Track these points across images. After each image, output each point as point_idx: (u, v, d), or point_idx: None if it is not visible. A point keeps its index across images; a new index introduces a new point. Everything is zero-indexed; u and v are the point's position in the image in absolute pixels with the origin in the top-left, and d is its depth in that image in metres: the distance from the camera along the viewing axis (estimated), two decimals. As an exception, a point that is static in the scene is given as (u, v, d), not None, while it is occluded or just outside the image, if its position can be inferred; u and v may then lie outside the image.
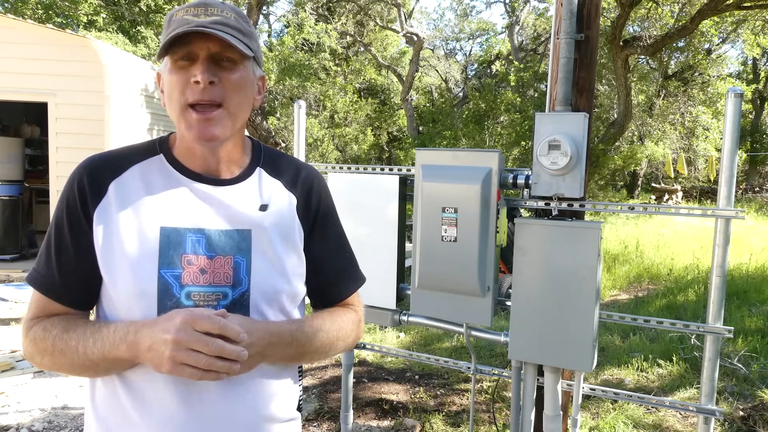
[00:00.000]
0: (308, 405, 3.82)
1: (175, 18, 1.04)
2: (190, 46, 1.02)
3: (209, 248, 1.06)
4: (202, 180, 1.10)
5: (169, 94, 1.05)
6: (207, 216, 1.08)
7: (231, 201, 1.10)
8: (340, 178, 2.69)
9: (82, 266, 1.05)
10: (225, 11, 1.05)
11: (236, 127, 1.09)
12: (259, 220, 1.11)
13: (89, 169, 1.07)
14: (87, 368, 1.02)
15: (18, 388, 4.00)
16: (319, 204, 1.22)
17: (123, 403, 1.04)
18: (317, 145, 14.03)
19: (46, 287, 1.06)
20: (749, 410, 3.65)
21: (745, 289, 6.84)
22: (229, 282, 1.06)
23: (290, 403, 1.18)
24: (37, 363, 1.07)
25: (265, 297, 1.09)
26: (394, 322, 2.65)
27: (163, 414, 1.02)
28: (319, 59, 13.47)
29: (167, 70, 1.05)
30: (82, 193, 1.05)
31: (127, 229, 1.04)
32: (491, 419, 3.66)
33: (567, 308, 2.14)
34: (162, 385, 1.02)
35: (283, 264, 1.12)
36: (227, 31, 1.02)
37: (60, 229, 1.06)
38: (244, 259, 1.08)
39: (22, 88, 6.99)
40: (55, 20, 14.99)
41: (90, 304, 1.09)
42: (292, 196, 1.17)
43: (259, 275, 1.08)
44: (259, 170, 1.16)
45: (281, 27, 19.01)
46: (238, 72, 1.06)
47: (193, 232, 1.06)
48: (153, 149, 1.13)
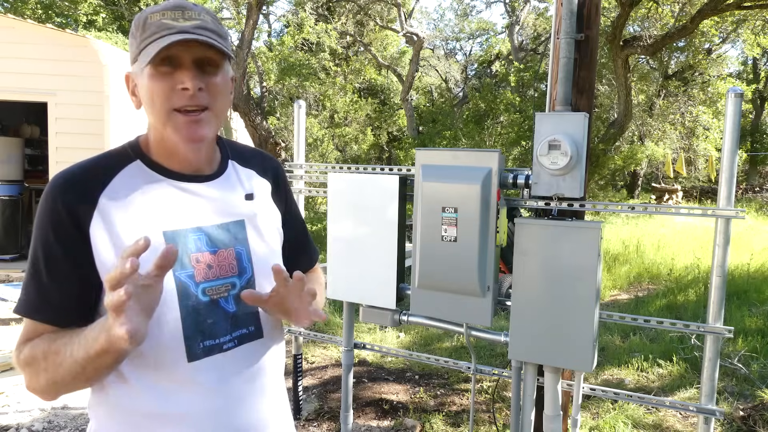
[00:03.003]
0: (308, 405, 3.81)
1: (152, 21, 1.01)
2: (171, 50, 1.00)
3: (211, 244, 1.09)
4: (187, 179, 1.11)
5: (150, 100, 1.03)
6: (202, 213, 1.10)
7: (219, 195, 1.14)
8: (340, 178, 2.69)
9: (81, 284, 1.02)
10: (202, 14, 1.04)
11: (219, 127, 1.11)
12: (249, 209, 1.17)
13: (70, 185, 1.03)
14: (76, 375, 0.96)
15: (18, 388, 3.99)
16: (285, 185, 1.32)
17: (149, 408, 1.04)
18: (317, 145, 14.03)
19: (43, 313, 1.02)
20: (749, 410, 3.65)
21: (745, 289, 6.83)
22: (235, 272, 1.12)
23: (279, 380, 1.25)
24: (35, 387, 1.01)
25: (269, 279, 1.13)
26: (394, 322, 2.64)
27: (197, 404, 1.06)
28: (319, 59, 13.47)
29: (147, 75, 1.02)
30: (70, 210, 1.00)
31: (131, 238, 1.01)
32: (491, 419, 3.66)
33: (567, 308, 2.14)
34: (190, 377, 1.05)
35: (274, 245, 1.21)
36: (210, 36, 1.02)
37: (49, 252, 1.00)
38: (244, 248, 1.14)
39: (22, 88, 6.98)
40: (54, 20, 14.99)
41: (88, 321, 1.03)
42: (265, 182, 1.25)
43: (260, 260, 1.16)
44: (232, 162, 1.21)
45: (281, 27, 19.00)
46: (220, 75, 1.07)
47: (193, 231, 1.08)
48: (128, 156, 1.10)
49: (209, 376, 1.07)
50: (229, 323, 1.10)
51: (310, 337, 3.56)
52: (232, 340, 1.11)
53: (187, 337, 1.04)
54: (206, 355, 1.07)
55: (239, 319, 1.12)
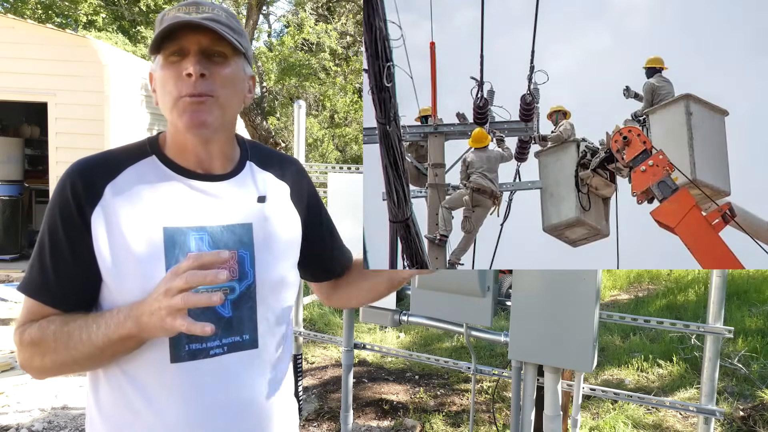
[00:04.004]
0: (308, 405, 3.82)
1: (167, 17, 1.04)
2: (181, 41, 1.03)
3: (213, 244, 1.07)
4: (198, 177, 1.10)
5: (161, 89, 1.06)
6: (207, 213, 1.08)
7: (229, 196, 1.12)
8: (340, 178, 2.69)
9: (81, 270, 1.03)
10: (216, 10, 1.06)
11: (225, 119, 1.09)
12: (259, 212, 1.13)
13: (82, 172, 1.06)
14: (91, 357, 1.00)
15: (18, 388, 3.99)
16: (309, 190, 1.29)
17: (132, 401, 1.04)
18: (317, 145, 14.03)
19: (43, 294, 1.04)
20: (749, 410, 3.65)
21: (745, 289, 6.83)
22: (235, 276, 1.08)
23: (290, 388, 1.22)
24: (36, 367, 1.04)
25: (270, 287, 1.12)
26: (394, 322, 2.64)
27: (175, 407, 1.03)
28: (319, 59, 13.46)
29: (159, 66, 1.06)
30: (76, 196, 1.03)
31: (130, 232, 1.02)
32: (491, 419, 3.66)
33: (567, 308, 2.14)
34: (171, 378, 1.03)
35: (284, 253, 1.16)
36: (218, 26, 1.03)
37: (54, 234, 1.03)
38: (248, 252, 1.10)
39: (22, 88, 6.98)
40: (54, 20, 14.98)
41: (87, 308, 1.07)
42: (284, 185, 1.22)
43: (264, 267, 1.12)
44: (249, 164, 1.19)
45: (281, 27, 19.01)
46: (229, 67, 1.07)
47: (195, 230, 1.06)
48: (144, 150, 1.12)
49: (191, 380, 1.04)
50: (221, 328, 1.07)
51: (310, 337, 3.56)
52: (222, 346, 1.07)
53: (172, 337, 1.02)
54: (191, 359, 1.04)
55: (233, 326, 1.08)
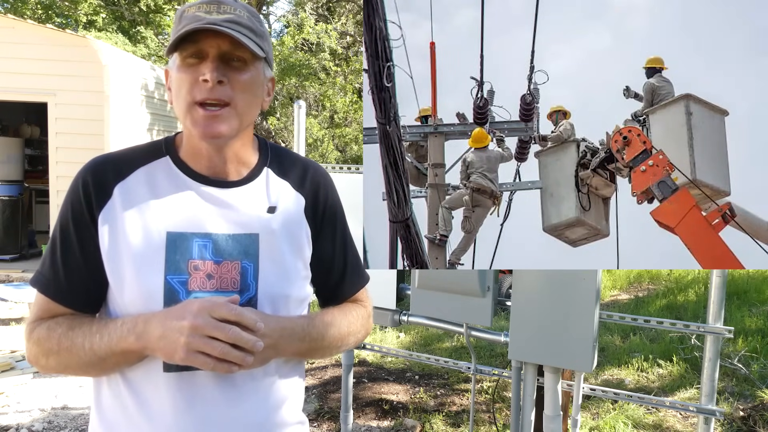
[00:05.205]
0: (308, 405, 3.82)
1: (187, 14, 1.00)
2: (200, 43, 0.99)
3: (216, 253, 1.04)
4: (209, 182, 1.07)
5: (176, 92, 1.03)
6: (214, 220, 1.05)
7: (238, 204, 1.07)
8: (340, 178, 2.69)
9: (89, 268, 1.03)
10: (238, 9, 1.02)
11: (243, 127, 1.06)
12: (267, 223, 1.08)
13: (93, 171, 1.05)
14: (93, 365, 1.00)
15: (18, 388, 3.99)
16: (327, 203, 1.19)
17: (127, 404, 1.03)
18: (317, 145, 14.02)
19: (52, 290, 1.04)
20: (749, 410, 3.65)
21: (745, 289, 6.83)
22: (236, 287, 1.04)
23: (297, 406, 1.17)
24: (42, 365, 1.04)
25: (273, 302, 1.07)
26: (394, 322, 2.64)
27: (165, 415, 1.01)
28: (319, 59, 13.46)
29: (175, 67, 1.02)
30: (87, 195, 1.03)
31: (133, 233, 1.02)
32: (491, 419, 3.66)
33: (567, 308, 2.14)
34: (164, 386, 1.01)
35: (290, 268, 1.10)
36: (239, 30, 0.99)
37: (65, 230, 1.04)
38: (252, 264, 1.06)
39: (22, 88, 6.99)
40: (55, 20, 14.99)
41: (95, 307, 1.07)
42: (300, 196, 1.15)
43: (267, 280, 1.06)
44: (266, 170, 1.13)
45: (281, 27, 19.01)
46: (248, 72, 1.03)
47: (199, 237, 1.04)
48: (159, 151, 1.10)
49: (182, 391, 1.02)
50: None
51: (310, 337, 3.56)
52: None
53: None
54: (183, 369, 1.01)
55: None
